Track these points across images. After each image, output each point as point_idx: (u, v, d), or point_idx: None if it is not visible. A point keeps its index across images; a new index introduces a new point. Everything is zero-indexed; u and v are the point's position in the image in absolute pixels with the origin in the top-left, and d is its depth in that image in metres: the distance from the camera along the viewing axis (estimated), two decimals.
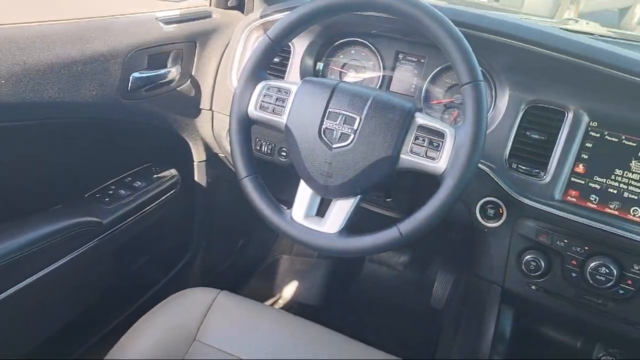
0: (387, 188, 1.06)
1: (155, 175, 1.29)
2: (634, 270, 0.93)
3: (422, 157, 0.83)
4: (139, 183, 1.23)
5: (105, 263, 1.20)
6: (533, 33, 0.99)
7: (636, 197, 0.94)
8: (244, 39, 1.21)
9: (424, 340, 1.57)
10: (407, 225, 0.82)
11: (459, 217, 1.05)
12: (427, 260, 1.82)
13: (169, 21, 1.13)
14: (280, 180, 1.08)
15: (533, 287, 1.03)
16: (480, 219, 1.03)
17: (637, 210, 0.94)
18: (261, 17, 1.19)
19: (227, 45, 1.24)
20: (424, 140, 0.83)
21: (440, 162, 0.81)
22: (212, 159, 1.39)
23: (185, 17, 1.18)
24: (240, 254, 1.76)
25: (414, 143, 0.83)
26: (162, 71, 1.13)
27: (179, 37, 1.15)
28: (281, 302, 1.75)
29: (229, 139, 0.97)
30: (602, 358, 1.12)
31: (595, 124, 0.96)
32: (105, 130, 1.15)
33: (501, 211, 1.01)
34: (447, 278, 1.71)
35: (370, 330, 1.64)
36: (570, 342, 1.19)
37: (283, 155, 1.18)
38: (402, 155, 0.83)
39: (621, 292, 0.94)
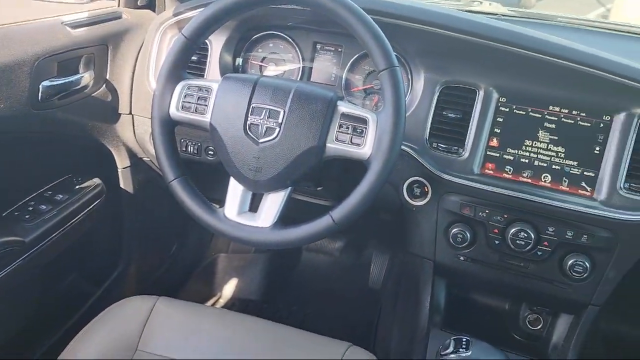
0: (317, 177, 1.09)
1: (77, 187, 1.24)
2: (548, 233, 1.00)
3: (348, 144, 0.85)
4: (61, 196, 1.18)
5: (32, 282, 1.14)
6: (438, 16, 1.04)
7: (545, 165, 1.01)
8: (159, 39, 1.18)
9: (366, 321, 1.62)
10: (340, 211, 0.84)
11: (388, 199, 1.08)
12: (361, 244, 1.87)
13: (76, 25, 1.09)
14: (210, 179, 1.07)
15: (462, 258, 1.09)
16: (408, 198, 1.08)
17: (547, 176, 1.01)
18: (174, 15, 1.17)
19: (141, 47, 1.21)
20: (347, 128, 0.85)
21: (365, 148, 0.84)
22: (137, 164, 1.35)
23: (94, 19, 1.13)
24: (175, 257, 1.72)
25: (338, 131, 0.85)
26: (74, 77, 1.08)
27: (89, 41, 1.10)
28: (222, 301, 1.74)
29: (152, 142, 0.95)
30: (529, 316, 1.20)
31: (504, 99, 1.02)
32: (18, 144, 1.09)
33: (426, 189, 1.06)
34: (382, 259, 1.77)
35: (314, 318, 1.67)
36: (499, 305, 1.27)
37: (210, 154, 1.17)
38: (327, 144, 0.86)
39: (539, 253, 1.02)
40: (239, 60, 1.20)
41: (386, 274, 1.74)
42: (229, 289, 1.76)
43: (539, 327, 1.19)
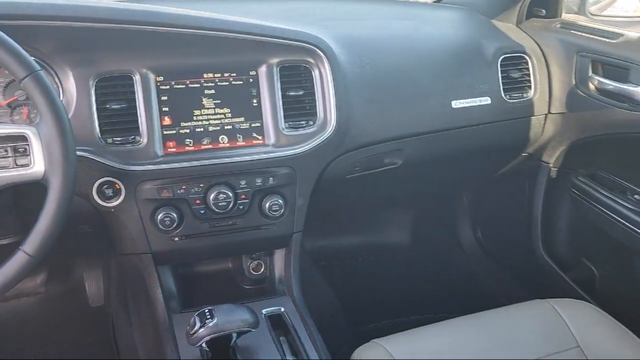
0: None
1: None
2: (242, 186, 1.10)
3: (12, 168, 0.76)
4: None
5: None
6: (68, 9, 0.97)
7: (219, 128, 1.09)
8: None
9: (102, 341, 1.51)
10: (32, 242, 0.75)
11: (81, 210, 1.01)
12: (69, 266, 1.70)
13: None
14: None
15: (177, 239, 1.11)
16: (101, 202, 1.02)
17: (224, 138, 1.09)
18: None
19: None
20: (6, 151, 0.76)
21: (36, 166, 0.76)
22: None
23: None
24: None
25: None
26: None
27: None
28: None
29: None
30: (251, 265, 1.31)
31: (161, 78, 1.04)
32: None
33: (118, 187, 1.03)
34: (96, 273, 1.65)
35: None
36: (224, 266, 1.35)
37: None
38: None
39: (241, 207, 1.11)
40: None
41: (105, 285, 1.63)
42: None
43: (262, 270, 1.31)
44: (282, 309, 1.16)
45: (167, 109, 1.05)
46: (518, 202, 1.68)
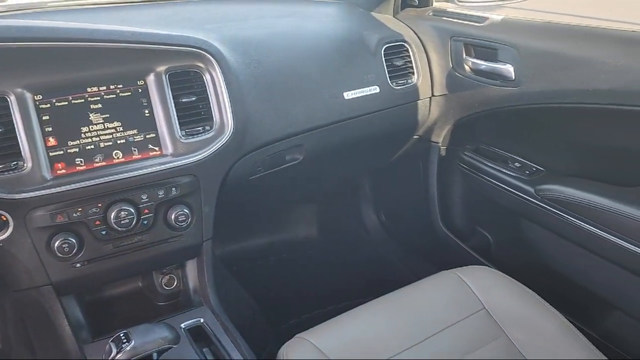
0: None
1: None
2: (144, 201, 1.06)
3: None
4: None
5: None
6: None
7: (112, 143, 1.04)
8: None
9: None
10: None
11: None
12: None
13: None
14: None
15: (78, 265, 1.04)
16: None
17: (118, 153, 1.05)
18: None
19: None
20: None
21: None
22: None
23: None
24: None
25: None
26: None
27: None
28: None
29: None
30: (163, 280, 1.27)
31: (39, 96, 0.97)
32: None
33: (5, 218, 0.95)
34: None
35: None
36: (134, 285, 1.29)
37: None
38: None
39: (145, 222, 1.07)
40: None
41: (1, 326, 1.50)
42: None
43: (175, 284, 1.27)
44: (202, 320, 1.14)
45: (50, 128, 0.98)
46: (415, 182, 1.77)
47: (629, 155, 1.22)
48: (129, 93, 1.05)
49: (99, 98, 1.02)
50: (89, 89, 1.01)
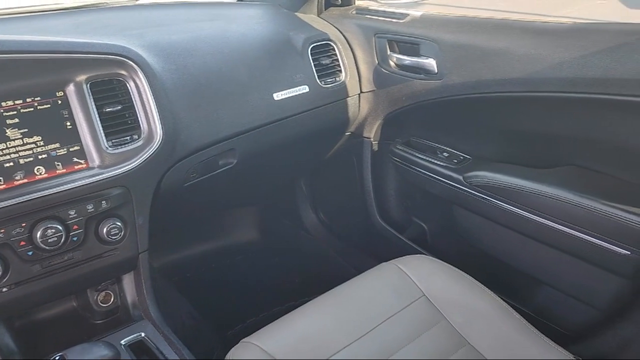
0: None
1: None
2: (72, 216, 1.01)
3: None
4: None
5: None
6: None
7: (33, 159, 0.99)
8: None
9: None
10: None
11: None
12: None
13: None
14: None
15: (4, 290, 0.99)
16: None
17: (40, 169, 1.00)
18: None
19: None
20: None
21: None
22: None
23: None
24: None
25: None
26: None
27: None
28: None
29: None
30: (98, 297, 1.22)
31: None
32: None
33: None
34: None
35: None
36: (68, 305, 1.24)
37: None
38: None
39: (75, 239, 1.03)
40: None
41: None
42: None
43: (113, 300, 1.23)
44: (143, 334, 1.11)
45: None
46: (350, 178, 1.80)
47: (546, 139, 1.30)
48: (48, 105, 1.00)
49: (15, 112, 0.97)
50: (3, 104, 0.96)
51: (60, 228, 0.99)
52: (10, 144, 0.97)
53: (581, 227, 1.14)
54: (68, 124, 1.02)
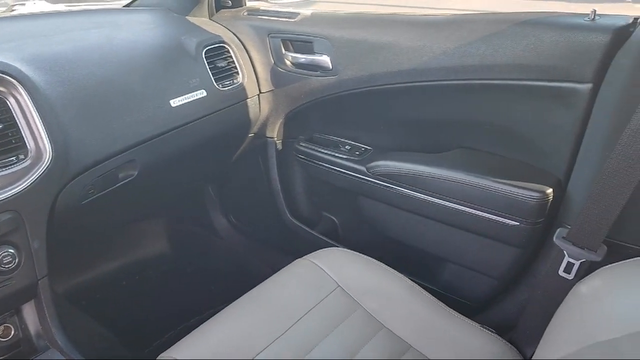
0: None
1: None
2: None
3: None
4: None
5: None
6: None
7: None
8: None
9: None
10: None
11: None
12: None
13: None
14: None
15: None
16: None
17: None
18: None
19: None
20: None
21: None
22: None
23: None
24: None
25: None
26: None
27: None
28: None
29: None
30: None
31: None
32: None
33: None
34: None
35: None
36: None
37: None
38: None
39: None
40: None
41: None
42: None
43: (13, 332, 1.14)
44: None
45: None
46: (258, 179, 1.80)
47: (436, 124, 1.38)
48: None
49: None
50: None
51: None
52: None
53: (475, 204, 1.22)
54: None
